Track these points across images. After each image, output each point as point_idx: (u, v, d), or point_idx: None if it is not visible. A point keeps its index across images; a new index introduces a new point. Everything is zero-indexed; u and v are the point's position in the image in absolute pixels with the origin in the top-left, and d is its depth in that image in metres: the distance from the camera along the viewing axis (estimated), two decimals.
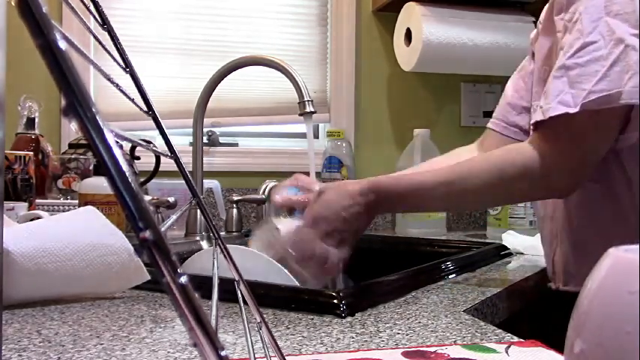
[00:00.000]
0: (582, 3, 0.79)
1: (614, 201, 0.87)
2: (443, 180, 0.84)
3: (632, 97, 0.73)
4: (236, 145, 1.87)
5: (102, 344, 0.56)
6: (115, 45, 0.29)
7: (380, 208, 0.88)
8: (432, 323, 0.65)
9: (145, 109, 0.30)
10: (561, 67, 0.78)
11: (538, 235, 1.12)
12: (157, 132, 0.32)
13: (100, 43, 0.27)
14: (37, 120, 1.43)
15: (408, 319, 0.67)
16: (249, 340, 0.34)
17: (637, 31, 0.74)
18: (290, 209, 0.93)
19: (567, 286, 0.95)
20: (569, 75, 0.76)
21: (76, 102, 0.14)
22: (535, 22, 1.27)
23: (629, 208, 0.86)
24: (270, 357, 0.36)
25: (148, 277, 0.76)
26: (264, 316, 0.35)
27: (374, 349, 0.55)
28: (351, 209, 0.84)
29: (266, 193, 1.45)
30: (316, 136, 1.98)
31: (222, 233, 1.43)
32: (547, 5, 0.95)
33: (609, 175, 0.87)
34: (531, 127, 0.83)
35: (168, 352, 0.53)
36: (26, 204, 1.15)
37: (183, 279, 0.15)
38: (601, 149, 0.81)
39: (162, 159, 1.40)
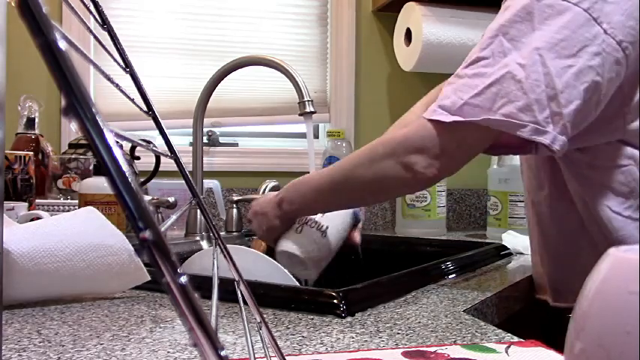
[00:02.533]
0: (494, 19, 0.82)
1: (578, 221, 0.90)
2: (331, 166, 0.92)
3: (497, 125, 0.76)
4: (236, 145, 1.87)
5: (102, 344, 0.56)
6: (115, 45, 0.29)
7: (285, 206, 0.97)
8: (432, 323, 0.65)
9: (145, 109, 0.30)
10: (455, 76, 0.82)
11: None
12: (157, 132, 0.32)
13: (100, 43, 0.27)
14: (37, 120, 1.43)
15: (408, 319, 0.67)
16: (249, 340, 0.34)
17: (523, 61, 0.76)
18: None
19: (557, 303, 0.96)
20: (458, 83, 0.80)
21: (76, 102, 0.14)
22: None
23: (590, 227, 0.89)
24: (270, 357, 0.36)
25: (148, 278, 0.76)
26: (264, 316, 0.35)
27: (374, 349, 0.55)
28: (262, 209, 1.00)
29: (266, 193, 1.45)
30: (316, 136, 1.98)
31: (222, 233, 1.43)
32: None
33: (569, 195, 0.90)
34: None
35: (168, 352, 0.53)
36: (26, 204, 1.15)
37: (183, 279, 0.15)
38: (460, 157, 0.82)
39: (162, 159, 1.40)
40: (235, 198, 1.45)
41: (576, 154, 0.87)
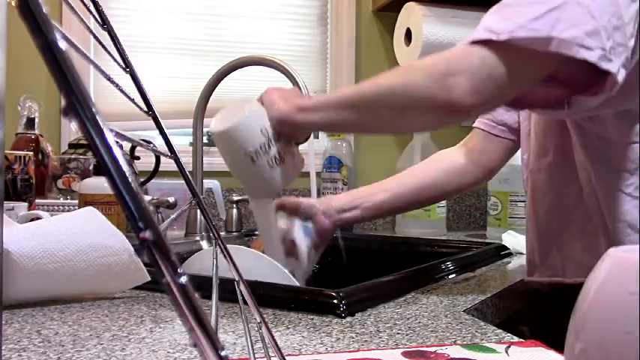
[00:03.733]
0: None
1: (577, 190, 0.88)
2: (357, 88, 0.83)
3: (563, 46, 0.68)
4: None
5: (102, 344, 0.56)
6: (115, 45, 0.29)
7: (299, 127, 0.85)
8: (432, 323, 0.65)
9: (145, 109, 0.30)
10: (502, 4, 0.73)
11: None
12: (157, 132, 0.32)
13: (100, 43, 0.28)
14: (37, 120, 1.43)
15: (408, 319, 0.67)
16: (249, 340, 0.34)
17: None
18: (291, 211, 0.96)
19: (531, 277, 0.95)
20: (506, 11, 0.72)
21: (76, 102, 0.14)
22: None
23: (589, 199, 0.86)
24: (270, 357, 0.36)
25: (148, 278, 0.76)
26: (264, 316, 0.35)
27: (374, 349, 0.55)
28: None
29: None
30: (316, 136, 1.98)
31: (222, 233, 1.43)
32: None
33: (572, 166, 0.86)
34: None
35: (168, 352, 0.53)
36: (26, 204, 1.15)
37: (183, 279, 0.15)
38: (513, 77, 0.72)
39: (162, 159, 1.40)
40: (235, 198, 1.45)
41: (588, 123, 0.83)
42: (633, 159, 0.82)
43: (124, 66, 0.29)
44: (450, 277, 0.95)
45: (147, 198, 1.29)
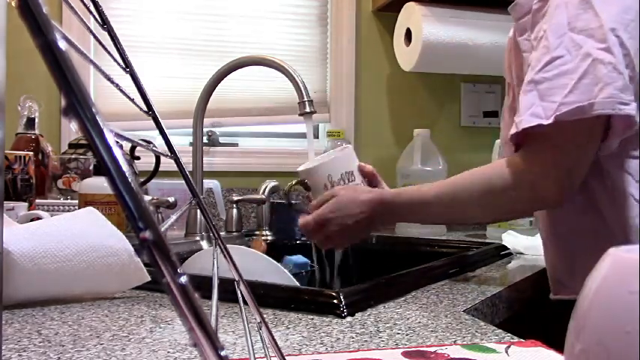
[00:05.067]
0: (546, 21, 0.81)
1: (595, 209, 0.88)
2: (436, 193, 0.88)
3: (605, 107, 0.75)
4: (236, 145, 1.87)
5: (102, 344, 0.56)
6: (115, 45, 0.29)
7: (381, 222, 0.93)
8: (432, 323, 0.65)
9: (145, 109, 0.30)
10: (530, 82, 0.80)
11: (537, 235, 1.12)
12: (157, 132, 0.32)
13: (100, 43, 0.27)
14: (37, 120, 1.43)
15: (408, 319, 0.67)
16: (249, 340, 0.34)
17: (603, 45, 0.76)
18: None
19: (558, 295, 0.95)
20: (539, 89, 0.78)
21: (76, 102, 0.14)
22: None
23: (612, 221, 0.87)
24: (270, 357, 0.36)
25: (149, 279, 0.76)
26: (264, 316, 0.35)
27: (374, 349, 0.55)
28: (357, 218, 0.89)
29: (266, 193, 1.45)
30: (316, 136, 1.98)
31: (222, 233, 1.43)
32: (511, 33, 0.97)
33: (589, 186, 0.88)
34: (512, 143, 0.84)
35: (168, 352, 0.53)
36: (26, 204, 1.15)
37: (183, 279, 0.15)
38: (583, 159, 0.82)
39: (162, 159, 1.40)
40: (235, 198, 1.45)
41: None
42: None
43: (124, 66, 0.29)
44: (450, 277, 0.95)
45: (147, 198, 1.29)
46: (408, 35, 1.82)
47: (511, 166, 0.83)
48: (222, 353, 0.15)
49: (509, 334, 0.60)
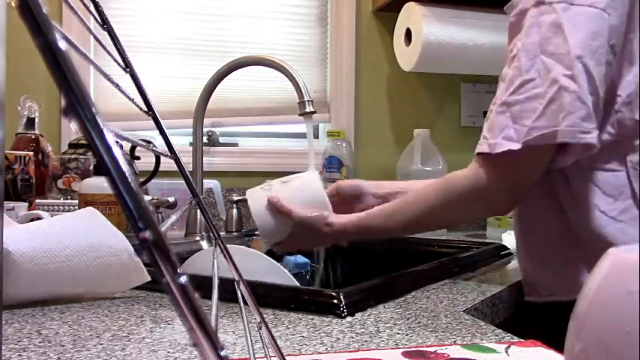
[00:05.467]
0: (520, 39, 0.84)
1: (562, 216, 0.91)
2: (397, 219, 0.93)
3: (567, 136, 0.79)
4: (236, 145, 1.87)
5: (102, 344, 0.56)
6: (115, 45, 0.29)
7: (342, 240, 1.02)
8: (432, 323, 0.65)
9: (145, 109, 0.30)
10: (503, 104, 0.83)
11: None
12: (157, 132, 0.32)
13: (100, 43, 0.27)
14: (37, 120, 1.43)
15: (408, 319, 0.67)
16: (249, 340, 0.34)
17: (569, 72, 0.79)
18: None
19: (530, 297, 0.96)
20: (512, 111, 0.82)
21: (76, 102, 0.14)
22: None
23: (575, 223, 0.89)
24: (270, 357, 0.36)
25: (149, 279, 0.76)
26: (264, 316, 0.35)
27: (374, 349, 0.55)
28: (316, 244, 1.09)
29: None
30: (316, 136, 1.98)
31: (222, 233, 1.43)
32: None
33: (556, 192, 0.91)
34: (475, 153, 0.88)
35: (168, 352, 0.53)
36: (26, 204, 1.15)
37: (183, 279, 0.15)
38: (534, 175, 0.87)
39: (162, 159, 1.40)
40: (235, 198, 1.45)
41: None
42: (617, 186, 0.87)
43: (124, 66, 0.29)
44: (450, 277, 0.95)
45: (147, 198, 1.29)
46: (408, 35, 1.82)
47: (467, 177, 0.88)
48: (222, 353, 0.15)
49: (509, 334, 0.60)
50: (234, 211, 1.44)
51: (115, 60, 0.28)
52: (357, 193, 1.08)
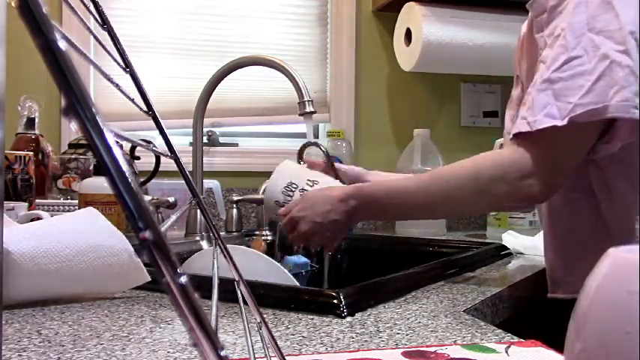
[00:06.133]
0: (563, 19, 0.80)
1: (595, 211, 0.89)
2: (422, 183, 0.86)
3: (619, 110, 0.75)
4: (236, 145, 1.87)
5: (102, 344, 0.56)
6: (115, 45, 0.29)
7: (361, 214, 0.91)
8: (432, 323, 0.65)
9: (145, 109, 0.30)
10: (545, 81, 0.79)
11: (537, 235, 1.12)
12: (157, 132, 0.32)
13: (100, 43, 0.27)
14: (37, 120, 1.43)
15: (408, 319, 0.67)
16: (249, 340, 0.34)
17: (622, 47, 0.76)
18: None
19: (555, 294, 0.95)
20: (554, 88, 0.78)
21: (76, 102, 0.14)
22: None
23: (610, 218, 0.87)
24: (270, 357, 0.36)
25: (149, 279, 0.76)
26: (264, 316, 0.35)
27: (374, 349, 0.55)
28: (328, 215, 0.89)
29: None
30: (316, 136, 1.98)
31: (222, 233, 1.43)
32: (525, 26, 0.96)
33: (590, 185, 0.88)
34: (512, 135, 0.83)
35: (168, 352, 0.53)
36: (26, 204, 1.15)
37: (183, 279, 0.15)
38: (577, 158, 0.82)
39: (163, 159, 1.40)
40: (235, 198, 1.45)
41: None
42: None
43: (124, 66, 0.29)
44: (450, 277, 0.95)
45: (147, 198, 1.29)
46: (408, 35, 1.82)
47: (501, 158, 0.83)
48: (222, 353, 0.15)
49: (509, 334, 0.60)
50: (234, 211, 1.44)
51: (115, 60, 0.28)
52: (356, 182, 1.05)
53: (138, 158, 1.40)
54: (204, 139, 1.55)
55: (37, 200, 1.27)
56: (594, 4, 0.78)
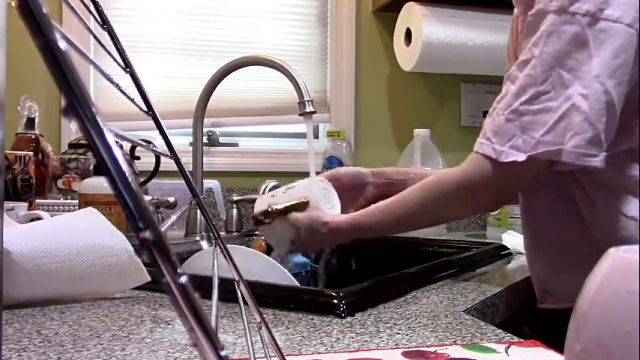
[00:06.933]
0: (537, 45, 0.80)
1: (579, 221, 0.89)
2: (392, 211, 0.93)
3: (570, 157, 0.78)
4: (236, 145, 1.87)
5: (102, 344, 0.56)
6: (115, 45, 0.29)
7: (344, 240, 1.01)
8: (432, 323, 0.65)
9: (145, 109, 0.30)
10: (514, 112, 0.81)
11: None
12: (157, 132, 0.32)
13: (100, 43, 0.27)
14: (37, 120, 1.43)
15: (408, 319, 0.67)
16: (249, 340, 0.34)
17: (585, 92, 0.77)
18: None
19: (544, 304, 0.95)
20: (522, 120, 0.81)
21: (76, 102, 0.14)
22: None
23: (594, 228, 0.87)
24: (270, 357, 0.36)
25: (149, 279, 0.76)
26: (264, 316, 0.35)
27: (374, 349, 0.55)
28: (319, 243, 1.00)
29: (266, 193, 1.45)
30: (316, 136, 1.98)
31: (222, 233, 1.43)
32: (516, 13, 0.96)
33: (572, 196, 0.89)
34: (475, 149, 0.87)
35: (168, 352, 0.53)
36: (26, 204, 1.15)
37: (183, 279, 0.15)
38: (526, 179, 0.87)
39: (163, 159, 1.40)
40: (235, 198, 1.45)
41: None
42: (632, 188, 0.85)
43: (124, 66, 0.29)
44: (450, 277, 0.95)
45: (147, 198, 1.29)
46: (408, 35, 1.82)
47: (457, 175, 0.88)
48: (222, 353, 0.15)
49: (509, 334, 0.60)
50: (234, 211, 1.44)
51: (115, 60, 0.28)
52: (357, 182, 1.08)
53: (138, 158, 1.40)
54: (204, 139, 1.55)
55: (37, 200, 1.27)
56: (567, 38, 0.78)
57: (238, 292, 0.36)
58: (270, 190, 1.42)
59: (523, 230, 1.01)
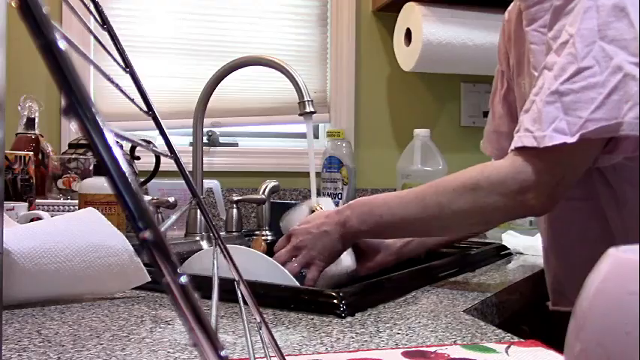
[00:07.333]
0: (572, 23, 0.75)
1: (601, 220, 0.86)
2: (417, 193, 0.82)
3: (634, 128, 0.70)
4: (236, 145, 1.87)
5: (102, 344, 0.56)
6: (115, 45, 0.29)
7: (353, 224, 0.86)
8: (432, 323, 0.65)
9: (145, 109, 0.30)
10: (554, 92, 0.74)
11: (537, 235, 1.12)
12: (157, 132, 0.32)
13: (100, 43, 0.28)
14: (37, 120, 1.43)
15: (408, 319, 0.67)
16: (249, 340, 0.34)
17: (637, 59, 0.71)
18: None
19: (557, 306, 0.94)
20: (563, 101, 0.73)
21: (76, 102, 0.14)
22: None
23: (617, 227, 0.85)
24: (270, 357, 0.36)
25: (149, 279, 0.76)
26: (264, 316, 0.35)
27: (374, 349, 0.55)
28: (321, 226, 0.87)
29: (266, 193, 1.45)
30: (316, 136, 1.98)
31: (222, 233, 1.43)
32: (507, 16, 0.93)
33: (594, 193, 0.85)
34: (513, 147, 0.78)
35: (168, 352, 0.53)
36: (26, 204, 1.15)
37: (183, 279, 0.15)
38: (581, 171, 0.78)
39: (163, 159, 1.40)
40: (235, 198, 1.45)
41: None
42: None
43: (124, 66, 0.29)
44: (450, 277, 0.95)
45: (147, 198, 1.29)
46: (408, 35, 1.82)
47: (501, 170, 0.78)
48: (222, 353, 0.15)
49: (509, 334, 0.60)
50: (234, 211, 1.44)
51: (115, 60, 0.28)
52: (373, 246, 0.98)
53: (138, 158, 1.39)
54: (204, 139, 1.55)
55: (37, 200, 1.27)
56: (606, 10, 0.73)
57: (238, 292, 0.36)
58: (272, 188, 1.43)
59: (542, 228, 0.98)
